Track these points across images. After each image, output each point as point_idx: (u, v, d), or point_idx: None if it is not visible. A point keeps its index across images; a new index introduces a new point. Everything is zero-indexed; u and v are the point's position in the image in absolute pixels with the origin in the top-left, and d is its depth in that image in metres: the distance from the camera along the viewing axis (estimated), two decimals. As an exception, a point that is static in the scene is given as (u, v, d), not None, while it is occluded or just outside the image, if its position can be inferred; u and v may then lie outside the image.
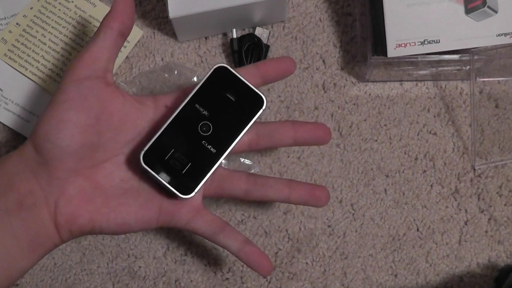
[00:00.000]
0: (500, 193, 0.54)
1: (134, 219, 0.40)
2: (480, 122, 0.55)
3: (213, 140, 0.41)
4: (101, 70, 0.39)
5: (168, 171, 0.40)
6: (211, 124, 0.41)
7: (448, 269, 0.54)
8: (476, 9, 0.50)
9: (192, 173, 0.40)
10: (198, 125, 0.41)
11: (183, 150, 0.40)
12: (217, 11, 0.52)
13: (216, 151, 0.41)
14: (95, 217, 0.38)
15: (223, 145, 0.41)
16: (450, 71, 0.54)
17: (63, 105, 0.37)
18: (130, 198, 0.40)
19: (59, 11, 0.57)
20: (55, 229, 0.38)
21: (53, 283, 0.54)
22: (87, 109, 0.38)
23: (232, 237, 0.41)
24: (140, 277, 0.54)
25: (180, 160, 0.40)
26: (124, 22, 0.40)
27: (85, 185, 0.39)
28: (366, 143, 0.55)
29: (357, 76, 0.56)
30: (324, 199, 0.43)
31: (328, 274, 0.54)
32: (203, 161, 0.41)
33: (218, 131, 0.41)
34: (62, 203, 0.38)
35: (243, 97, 0.42)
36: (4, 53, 0.56)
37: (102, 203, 0.39)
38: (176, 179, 0.40)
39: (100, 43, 0.40)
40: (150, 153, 0.40)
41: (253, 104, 0.42)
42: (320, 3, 0.58)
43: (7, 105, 0.56)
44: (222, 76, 0.42)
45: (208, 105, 0.41)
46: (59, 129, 0.37)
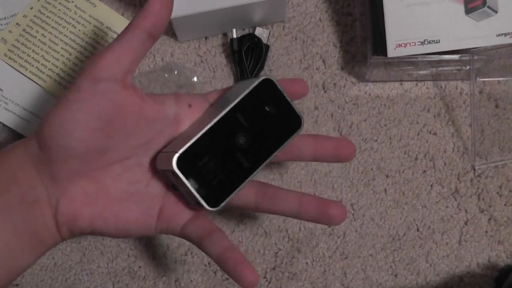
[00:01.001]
0: (500, 193, 0.54)
1: (134, 225, 0.39)
2: (480, 122, 0.55)
3: (248, 154, 0.39)
4: (121, 72, 0.37)
5: (198, 179, 0.38)
6: (249, 137, 0.39)
7: (448, 269, 0.54)
8: (476, 9, 0.50)
9: (222, 185, 0.39)
10: (236, 135, 0.39)
11: (217, 159, 0.38)
12: (217, 11, 0.52)
13: (249, 166, 0.39)
14: (95, 221, 0.38)
15: (256, 160, 0.39)
16: (450, 71, 0.54)
17: (74, 104, 0.36)
18: (133, 204, 0.39)
19: (59, 11, 0.57)
20: (56, 227, 0.38)
21: (53, 283, 0.54)
22: (98, 112, 0.36)
23: (216, 242, 0.39)
24: (140, 277, 0.54)
25: (213, 170, 0.38)
26: (156, 24, 0.37)
27: (89, 187, 0.38)
28: (366, 143, 0.55)
29: (357, 76, 0.56)
30: (338, 218, 0.40)
31: (328, 274, 0.54)
32: (234, 174, 0.39)
33: (254, 145, 0.39)
34: (63, 203, 0.37)
35: (282, 115, 0.40)
36: (4, 53, 0.56)
37: (104, 207, 0.38)
38: (204, 189, 0.38)
39: (125, 44, 0.37)
40: (184, 157, 0.37)
41: (292, 124, 0.40)
42: (320, 3, 0.58)
43: (7, 105, 0.56)
44: (266, 89, 0.40)
45: (248, 116, 0.39)
46: (66, 130, 0.35)
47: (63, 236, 0.38)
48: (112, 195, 0.38)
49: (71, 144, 0.36)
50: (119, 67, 0.37)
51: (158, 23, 0.37)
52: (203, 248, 0.39)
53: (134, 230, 0.39)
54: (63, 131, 0.35)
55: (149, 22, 0.37)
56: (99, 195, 0.38)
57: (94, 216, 0.38)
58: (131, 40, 0.37)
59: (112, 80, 0.36)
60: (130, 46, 0.37)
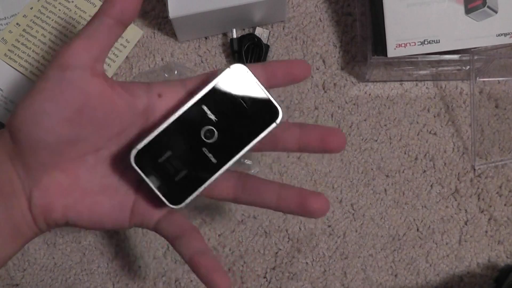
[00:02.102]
0: (500, 193, 0.54)
1: (108, 219, 0.38)
2: (480, 122, 0.55)
3: (216, 149, 0.37)
4: (89, 60, 0.35)
5: (160, 176, 0.36)
6: (217, 130, 0.37)
7: (448, 269, 0.54)
8: (476, 9, 0.50)
9: (186, 181, 0.37)
10: (201, 129, 0.36)
11: (181, 155, 0.36)
12: (217, 11, 0.52)
13: (217, 162, 0.37)
14: (68, 213, 0.37)
15: (225, 156, 0.37)
16: (450, 71, 0.54)
17: (41, 94, 0.35)
18: (106, 197, 0.38)
19: (59, 11, 0.57)
20: (32, 219, 0.37)
21: (53, 283, 0.54)
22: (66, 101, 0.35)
23: (189, 244, 0.37)
24: (140, 277, 0.54)
25: (175, 166, 0.36)
26: (124, 10, 0.36)
27: (62, 179, 0.37)
28: (366, 143, 0.55)
29: (357, 76, 0.56)
30: (318, 211, 0.37)
31: (328, 274, 0.54)
32: (200, 170, 0.37)
33: (223, 139, 0.37)
34: (36, 195, 0.37)
35: (257, 106, 0.37)
36: (4, 53, 0.56)
37: (77, 199, 0.37)
38: (167, 186, 0.36)
39: (93, 32, 0.35)
40: (143, 153, 0.36)
41: (267, 116, 0.37)
42: (320, 3, 0.58)
43: (7, 105, 0.56)
44: (237, 78, 0.37)
45: (216, 108, 0.36)
46: (35, 121, 0.34)
47: (40, 227, 0.38)
48: (85, 188, 0.38)
49: (40, 135, 0.35)
50: (87, 54, 0.35)
51: (127, 9, 0.36)
52: (176, 248, 0.38)
53: (108, 223, 0.38)
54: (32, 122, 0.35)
55: (116, 9, 0.36)
56: (72, 187, 0.37)
57: (68, 208, 0.37)
58: (98, 28, 0.36)
59: (79, 68, 0.35)
60: (98, 34, 0.36)
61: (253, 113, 0.37)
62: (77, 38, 0.36)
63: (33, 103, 0.35)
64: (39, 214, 0.37)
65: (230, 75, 0.36)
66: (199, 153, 0.37)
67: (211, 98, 0.36)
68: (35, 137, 0.35)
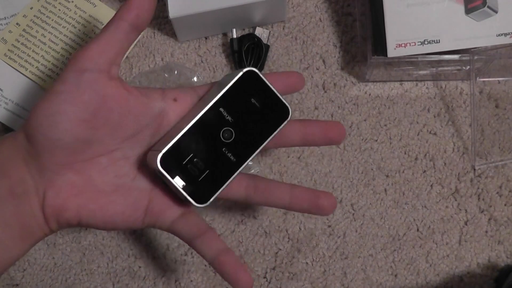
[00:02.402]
0: (500, 193, 0.54)
1: (121, 218, 0.39)
2: (480, 122, 0.55)
3: (234, 148, 0.39)
4: (106, 63, 0.37)
5: (184, 177, 0.38)
6: (234, 131, 0.39)
7: (448, 269, 0.54)
8: (476, 9, 0.50)
9: (209, 181, 0.39)
10: (220, 130, 0.39)
11: (202, 156, 0.39)
12: (217, 11, 0.52)
13: (236, 160, 0.39)
14: (81, 212, 0.38)
15: (243, 154, 0.39)
16: (450, 71, 0.54)
17: (59, 96, 0.36)
18: (119, 197, 0.39)
19: (59, 11, 0.57)
20: (44, 219, 0.38)
21: (53, 283, 0.54)
22: (84, 103, 0.36)
23: (210, 244, 0.39)
24: (140, 277, 0.54)
25: (198, 166, 0.38)
26: (140, 15, 0.38)
27: (75, 179, 0.38)
28: (366, 143, 0.55)
29: (357, 76, 0.56)
30: (328, 208, 0.41)
31: (328, 274, 0.54)
32: (221, 169, 0.39)
33: (240, 139, 0.39)
34: (49, 195, 0.37)
35: (269, 106, 0.40)
36: (4, 53, 0.56)
37: (91, 199, 0.38)
38: (191, 186, 0.38)
39: (109, 36, 0.37)
40: (168, 156, 0.38)
41: (278, 114, 0.40)
42: (320, 3, 0.58)
43: (7, 105, 0.56)
44: (250, 81, 0.39)
45: (232, 110, 0.39)
46: (52, 122, 0.36)
47: (51, 227, 0.38)
48: (98, 188, 0.38)
49: (57, 135, 0.36)
50: (104, 58, 0.37)
51: (142, 15, 0.38)
52: (196, 248, 0.39)
53: (121, 223, 0.39)
54: (49, 123, 0.36)
55: (132, 14, 0.38)
56: (85, 187, 0.38)
57: (81, 207, 0.38)
58: (115, 32, 0.37)
59: (96, 71, 0.37)
60: (114, 38, 0.37)
61: (266, 112, 0.40)
62: (94, 42, 0.37)
63: (51, 104, 0.36)
64: (51, 214, 0.37)
65: (243, 78, 0.39)
66: (220, 153, 0.39)
67: (227, 101, 0.39)
68: (52, 137, 0.36)
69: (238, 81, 0.39)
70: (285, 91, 0.42)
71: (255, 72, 0.39)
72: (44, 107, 0.36)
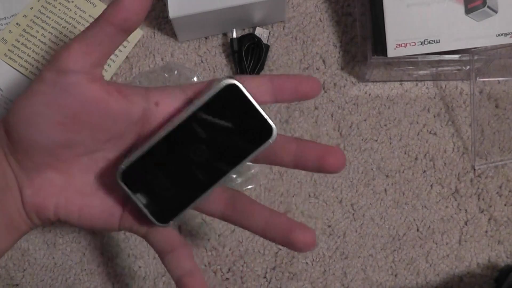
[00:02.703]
0: (500, 193, 0.54)
1: (97, 221, 0.38)
2: (480, 122, 0.55)
3: (206, 167, 0.36)
4: (87, 66, 0.34)
5: (146, 193, 0.36)
6: (206, 149, 0.35)
7: (448, 269, 0.54)
8: (476, 9, 0.50)
9: (173, 200, 0.36)
10: (191, 147, 0.35)
11: (169, 173, 0.36)
12: (217, 11, 0.52)
13: (206, 181, 0.36)
14: (59, 211, 0.37)
15: (214, 175, 0.36)
16: (450, 71, 0.54)
17: (37, 97, 0.34)
18: (97, 199, 0.38)
19: (59, 11, 0.57)
20: (26, 214, 0.37)
21: (53, 283, 0.54)
22: (62, 106, 0.34)
23: (178, 262, 0.37)
24: (140, 277, 0.54)
25: (163, 184, 0.36)
26: (127, 19, 0.34)
27: (55, 178, 0.37)
28: (366, 143, 0.55)
29: (357, 76, 0.56)
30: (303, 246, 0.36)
31: (328, 274, 0.54)
32: (188, 189, 0.36)
33: (213, 158, 0.36)
34: (28, 193, 0.37)
35: (250, 123, 0.35)
36: (4, 53, 0.56)
37: (69, 199, 0.37)
38: (154, 204, 0.36)
39: (93, 37, 0.34)
40: (130, 170, 0.35)
41: (260, 134, 0.35)
42: (320, 3, 0.58)
43: (7, 105, 0.56)
44: (230, 95, 0.35)
45: (207, 125, 0.35)
46: (29, 123, 0.34)
47: (34, 222, 0.38)
48: (78, 188, 0.37)
49: (34, 137, 0.35)
50: (86, 60, 0.34)
51: (130, 18, 0.34)
52: (165, 264, 0.38)
53: (97, 225, 0.38)
54: (26, 124, 0.34)
55: (120, 16, 0.34)
56: (65, 186, 0.37)
57: (59, 207, 0.37)
58: (99, 34, 0.34)
59: (77, 73, 0.34)
60: (99, 40, 0.34)
61: (246, 131, 0.36)
62: (76, 41, 0.34)
63: (28, 105, 0.34)
64: (31, 210, 0.37)
65: (222, 91, 0.35)
66: (188, 171, 0.36)
67: (201, 115, 0.35)
68: (29, 139, 0.35)
69: (217, 95, 0.35)
70: (294, 98, 0.37)
71: (237, 86, 0.35)
72: (21, 106, 0.34)
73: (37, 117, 0.34)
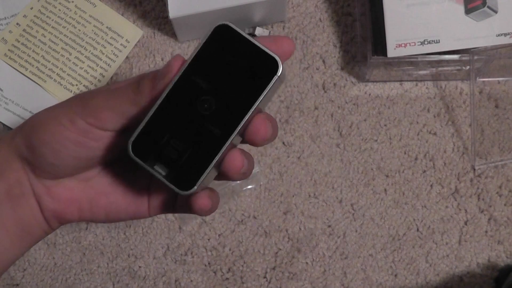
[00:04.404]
0: (500, 193, 0.54)
1: (125, 215, 0.39)
2: (480, 122, 0.55)
3: (217, 119, 0.33)
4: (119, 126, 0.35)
5: (163, 162, 0.33)
6: (214, 99, 0.33)
7: (448, 269, 0.54)
8: (476, 9, 0.50)
9: (192, 162, 0.33)
10: (197, 101, 0.33)
11: (181, 134, 0.33)
12: (217, 11, 0.52)
13: (222, 133, 0.33)
14: (84, 214, 0.38)
15: (229, 124, 0.33)
16: (450, 71, 0.54)
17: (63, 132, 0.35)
18: (120, 196, 0.38)
19: (59, 11, 0.57)
20: (44, 219, 0.38)
21: (53, 283, 0.54)
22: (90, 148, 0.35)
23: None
24: (140, 277, 0.54)
25: (178, 147, 0.33)
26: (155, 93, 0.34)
27: (73, 185, 0.38)
28: (366, 143, 0.55)
29: (357, 76, 0.56)
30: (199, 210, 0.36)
31: (328, 274, 0.54)
32: (205, 146, 0.33)
33: (223, 107, 0.33)
34: (48, 200, 0.37)
35: (252, 62, 0.33)
36: (4, 53, 0.56)
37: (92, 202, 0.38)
38: (173, 171, 0.33)
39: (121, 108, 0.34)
40: (140, 142, 0.33)
41: (265, 70, 0.33)
42: (320, 3, 0.58)
43: (7, 105, 0.56)
44: (224, 38, 0.33)
45: (208, 75, 0.33)
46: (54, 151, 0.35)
47: (52, 226, 0.38)
48: (98, 190, 0.38)
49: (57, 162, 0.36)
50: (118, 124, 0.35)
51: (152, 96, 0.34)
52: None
53: (126, 218, 0.39)
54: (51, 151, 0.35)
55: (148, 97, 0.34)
56: (85, 191, 0.38)
57: (83, 210, 0.38)
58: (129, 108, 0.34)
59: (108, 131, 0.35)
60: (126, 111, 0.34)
61: (250, 70, 0.33)
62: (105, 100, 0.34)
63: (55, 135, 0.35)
64: (51, 216, 0.38)
65: (214, 37, 0.33)
66: (200, 128, 0.33)
67: (199, 66, 0.33)
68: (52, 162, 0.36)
69: (208, 41, 0.33)
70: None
71: (228, 25, 0.33)
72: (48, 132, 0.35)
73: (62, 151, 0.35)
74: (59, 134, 0.35)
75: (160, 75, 0.33)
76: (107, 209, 0.38)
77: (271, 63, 0.33)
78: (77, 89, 0.56)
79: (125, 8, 0.58)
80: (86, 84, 0.57)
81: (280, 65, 0.33)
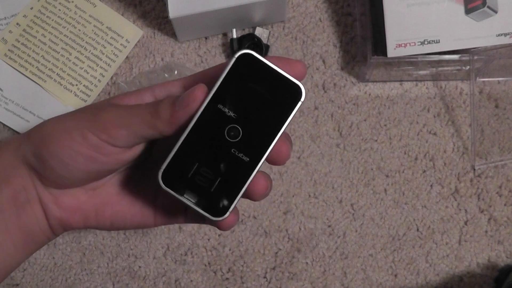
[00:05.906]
0: (500, 193, 0.54)
1: (130, 224, 0.39)
2: (480, 122, 0.55)
3: (245, 146, 0.34)
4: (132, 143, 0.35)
5: (194, 190, 0.34)
6: (240, 127, 0.34)
7: (448, 269, 0.54)
8: (476, 9, 0.50)
9: (223, 189, 0.34)
10: (224, 130, 0.34)
11: (210, 162, 0.34)
12: (217, 11, 0.52)
13: (250, 159, 0.34)
14: (90, 222, 0.38)
15: (257, 151, 0.34)
16: (450, 71, 0.54)
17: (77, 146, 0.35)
18: (126, 206, 0.38)
19: (59, 11, 0.57)
20: (48, 226, 0.38)
21: (53, 283, 0.54)
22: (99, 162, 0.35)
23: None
24: (140, 277, 0.54)
25: (207, 175, 0.34)
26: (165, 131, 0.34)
27: (80, 194, 0.38)
28: (366, 143, 0.55)
29: (357, 76, 0.56)
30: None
31: (328, 274, 0.54)
32: (235, 173, 0.34)
33: (250, 134, 0.34)
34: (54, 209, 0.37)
35: (275, 89, 0.34)
36: (4, 53, 0.56)
37: (98, 211, 0.38)
38: (205, 199, 0.34)
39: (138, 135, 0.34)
40: (170, 172, 0.34)
41: (289, 96, 0.34)
42: (320, 3, 0.58)
43: (7, 105, 0.56)
44: (247, 66, 0.34)
45: (233, 104, 0.34)
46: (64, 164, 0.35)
47: (56, 233, 0.39)
48: (104, 200, 0.38)
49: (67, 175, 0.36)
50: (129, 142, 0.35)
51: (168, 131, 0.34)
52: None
53: (132, 227, 0.39)
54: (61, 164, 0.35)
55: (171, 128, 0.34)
56: (91, 200, 0.38)
57: (88, 218, 0.38)
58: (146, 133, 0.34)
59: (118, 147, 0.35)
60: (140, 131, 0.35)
61: (274, 97, 0.34)
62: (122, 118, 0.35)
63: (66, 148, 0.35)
64: (57, 224, 0.38)
65: (237, 65, 0.34)
66: (229, 155, 0.34)
67: (224, 95, 0.34)
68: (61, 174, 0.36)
69: (232, 70, 0.34)
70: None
71: (251, 54, 0.34)
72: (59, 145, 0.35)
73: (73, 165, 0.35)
74: (71, 148, 0.35)
75: (181, 103, 0.34)
76: (112, 218, 0.38)
77: (295, 89, 0.34)
78: (77, 89, 0.56)
79: (125, 8, 0.58)
80: (86, 84, 0.57)
81: (303, 92, 0.34)
